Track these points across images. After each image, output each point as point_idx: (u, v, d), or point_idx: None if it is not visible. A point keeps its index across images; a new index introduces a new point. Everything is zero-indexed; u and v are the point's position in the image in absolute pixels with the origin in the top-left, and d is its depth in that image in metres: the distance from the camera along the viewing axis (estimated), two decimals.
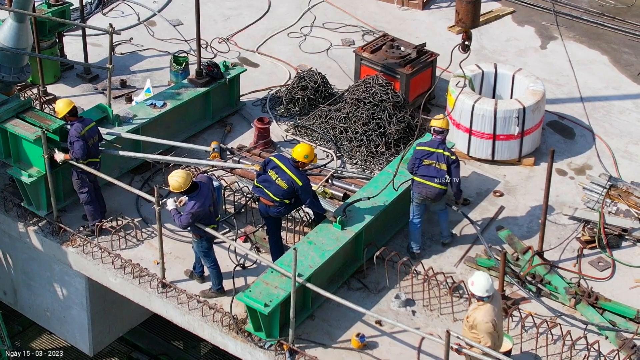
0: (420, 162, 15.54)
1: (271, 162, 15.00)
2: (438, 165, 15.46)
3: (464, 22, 16.17)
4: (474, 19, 16.19)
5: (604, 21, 23.34)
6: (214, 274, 15.03)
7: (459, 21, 16.20)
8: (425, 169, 15.49)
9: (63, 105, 15.90)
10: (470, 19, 16.16)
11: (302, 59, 21.41)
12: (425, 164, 15.50)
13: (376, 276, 15.37)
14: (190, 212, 14.26)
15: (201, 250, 14.79)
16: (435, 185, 15.46)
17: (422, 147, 15.66)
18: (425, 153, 15.56)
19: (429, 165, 15.48)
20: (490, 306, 12.43)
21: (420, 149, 15.65)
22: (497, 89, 18.87)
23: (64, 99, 16.11)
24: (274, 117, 19.31)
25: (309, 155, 14.87)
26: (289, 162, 14.88)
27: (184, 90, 18.56)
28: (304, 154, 14.85)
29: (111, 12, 23.14)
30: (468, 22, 16.17)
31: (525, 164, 18.13)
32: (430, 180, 15.46)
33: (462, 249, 16.07)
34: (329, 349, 14.22)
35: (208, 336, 14.90)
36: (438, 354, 13.92)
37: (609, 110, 19.94)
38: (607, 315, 14.63)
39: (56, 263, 16.64)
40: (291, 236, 15.98)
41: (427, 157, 15.54)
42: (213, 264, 14.95)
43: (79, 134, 15.57)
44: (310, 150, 14.91)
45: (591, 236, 16.19)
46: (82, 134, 15.59)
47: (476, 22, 16.34)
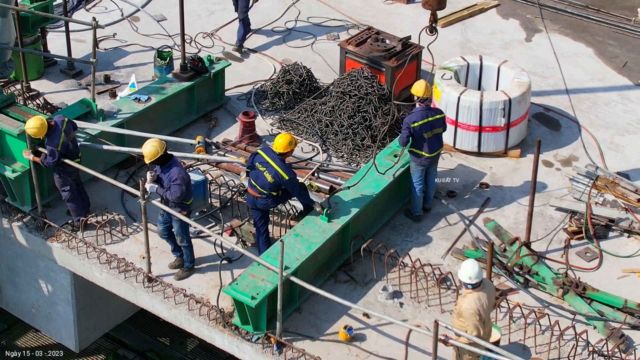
0: (420, 137, 15.83)
1: (258, 156, 14.94)
2: (437, 131, 15.97)
3: (430, 4, 16.21)
4: (441, 1, 16.24)
5: (589, 14, 23.36)
6: (189, 251, 15.06)
7: (425, 3, 16.25)
8: (428, 142, 15.90)
9: (39, 130, 15.30)
10: (437, 1, 16.19)
11: (287, 53, 21.34)
12: (426, 137, 15.87)
13: (363, 268, 15.31)
14: (177, 180, 14.32)
15: (182, 226, 14.78)
16: (439, 151, 16.18)
17: (418, 122, 15.84)
18: (423, 127, 15.82)
19: (429, 137, 15.89)
20: (477, 294, 12.38)
21: (417, 125, 15.81)
22: (483, 81, 18.84)
23: (36, 120, 15.40)
24: (259, 111, 19.23)
25: (292, 141, 14.88)
26: (274, 154, 14.81)
27: (168, 85, 18.46)
28: (286, 142, 14.83)
29: (94, 7, 23.00)
30: (434, 3, 16.20)
31: (512, 155, 18.11)
32: (433, 151, 16.02)
33: (450, 241, 16.04)
34: (317, 341, 14.16)
35: (195, 330, 14.81)
36: (426, 346, 13.87)
37: (594, 102, 19.95)
38: (595, 306, 14.62)
39: (41, 259, 16.52)
40: (277, 229, 15.89)
41: (425, 131, 15.84)
42: (189, 241, 15.00)
43: (56, 145, 15.35)
44: (290, 137, 14.90)
45: (578, 227, 16.18)
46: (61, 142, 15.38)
47: (442, 4, 16.36)
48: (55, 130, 15.42)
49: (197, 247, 15.65)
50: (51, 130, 15.39)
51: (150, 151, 14.39)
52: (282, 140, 14.83)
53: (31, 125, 15.27)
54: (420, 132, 15.81)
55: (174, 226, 14.89)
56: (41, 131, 15.29)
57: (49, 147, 15.32)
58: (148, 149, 14.40)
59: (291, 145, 14.85)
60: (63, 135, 15.40)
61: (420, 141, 15.90)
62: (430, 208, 16.67)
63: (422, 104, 15.92)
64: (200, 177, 16.03)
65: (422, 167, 16.13)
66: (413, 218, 16.49)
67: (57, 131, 15.41)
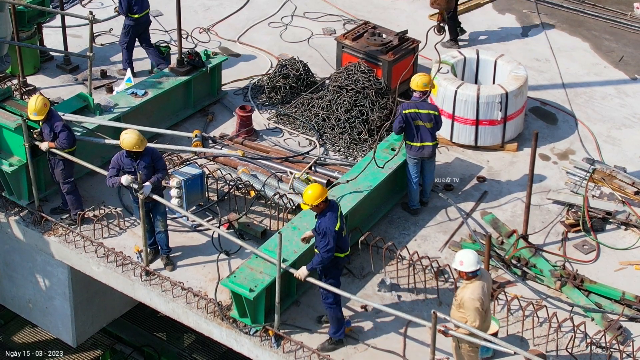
0: (411, 125, 15.86)
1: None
2: (427, 125, 15.92)
3: (439, 3, 16.21)
4: (449, 1, 16.24)
5: (585, 8, 23.37)
6: (166, 237, 15.21)
7: (433, 2, 16.24)
8: (417, 132, 15.91)
9: (41, 106, 15.33)
10: (445, 0, 16.19)
11: (284, 48, 21.32)
12: (415, 124, 15.89)
13: (361, 261, 15.31)
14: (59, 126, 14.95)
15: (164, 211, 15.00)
16: (430, 144, 16.02)
17: (410, 109, 15.90)
18: (415, 115, 15.89)
19: (418, 126, 15.89)
20: (478, 283, 12.37)
21: (408, 112, 15.90)
22: (480, 75, 18.84)
23: (36, 98, 15.40)
24: (256, 106, 19.22)
25: (320, 194, 13.35)
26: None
27: (165, 79, 18.44)
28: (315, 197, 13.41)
29: (90, 3, 22.97)
30: (443, 3, 16.21)
31: (508, 149, 18.11)
32: (425, 140, 15.97)
33: (447, 234, 16.05)
34: (315, 334, 14.15)
35: (193, 323, 14.80)
36: (424, 338, 13.89)
37: (591, 96, 19.96)
38: (592, 298, 14.64)
39: (38, 253, 16.49)
40: (275, 222, 15.89)
41: (414, 119, 15.90)
42: (166, 226, 15.22)
43: (64, 125, 15.42)
44: (320, 190, 13.39)
45: (575, 219, 16.19)
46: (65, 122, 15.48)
47: (451, 4, 16.39)
48: (52, 110, 15.56)
49: (195, 240, 15.66)
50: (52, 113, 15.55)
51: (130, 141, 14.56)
52: (312, 191, 13.37)
53: (33, 104, 15.28)
54: (410, 121, 15.88)
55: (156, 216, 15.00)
56: (44, 110, 15.32)
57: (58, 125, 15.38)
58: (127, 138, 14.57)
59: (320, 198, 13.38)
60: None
61: (410, 131, 15.96)
62: (427, 202, 16.68)
63: (418, 93, 16.00)
64: (197, 171, 16.01)
65: (416, 160, 16.14)
66: (410, 211, 16.49)
67: (53, 111, 15.57)
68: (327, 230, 13.18)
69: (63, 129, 15.42)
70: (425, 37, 16.00)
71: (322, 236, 13.23)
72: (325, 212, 13.31)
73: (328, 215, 13.26)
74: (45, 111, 15.34)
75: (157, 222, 15.01)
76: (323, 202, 13.29)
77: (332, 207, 13.39)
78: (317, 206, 13.28)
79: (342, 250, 13.54)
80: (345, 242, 13.58)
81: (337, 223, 13.23)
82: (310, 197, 13.26)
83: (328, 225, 13.19)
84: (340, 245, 13.44)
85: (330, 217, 13.24)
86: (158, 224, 15.03)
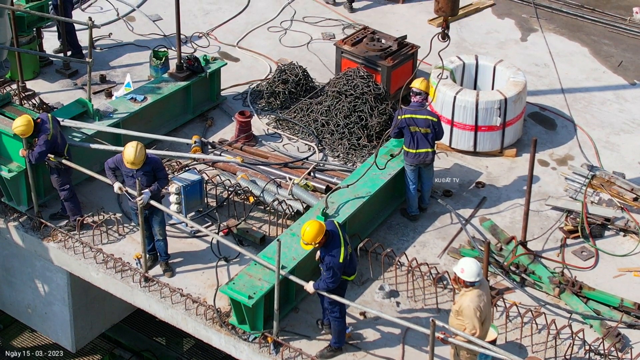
0: (407, 131, 15.88)
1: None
2: (423, 131, 15.91)
3: (444, 10, 16.17)
4: (454, 7, 16.20)
5: (584, 13, 23.40)
6: (165, 245, 15.20)
7: (438, 9, 16.19)
8: (413, 138, 15.90)
9: (26, 127, 15.26)
10: (450, 7, 16.14)
11: (283, 53, 21.33)
12: (412, 130, 15.88)
13: (360, 268, 15.28)
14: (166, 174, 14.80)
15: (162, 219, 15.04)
16: (427, 151, 16.00)
17: (406, 115, 15.92)
18: (410, 121, 15.89)
19: (414, 132, 15.87)
20: (477, 292, 12.37)
21: (404, 117, 15.91)
22: (479, 81, 18.85)
23: (22, 118, 15.35)
24: (255, 111, 19.23)
25: (318, 233, 13.17)
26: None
27: (164, 85, 18.44)
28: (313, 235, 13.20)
29: (90, 7, 22.98)
30: (447, 10, 16.17)
31: (507, 155, 18.12)
32: (420, 147, 15.96)
33: (446, 240, 16.05)
34: (314, 340, 14.15)
35: (192, 330, 14.81)
36: (423, 344, 13.90)
37: (590, 101, 19.97)
38: (591, 304, 14.65)
39: (37, 259, 16.49)
40: (274, 229, 15.90)
41: (411, 124, 15.88)
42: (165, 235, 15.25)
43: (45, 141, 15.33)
44: (317, 228, 13.20)
45: (574, 226, 16.19)
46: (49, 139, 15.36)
47: (455, 11, 16.33)
48: (43, 125, 15.44)
49: (194, 246, 15.67)
50: (40, 127, 15.41)
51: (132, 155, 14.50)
52: (310, 228, 13.16)
53: (18, 124, 15.26)
54: (407, 125, 15.88)
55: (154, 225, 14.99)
56: (28, 129, 15.25)
57: (40, 140, 15.31)
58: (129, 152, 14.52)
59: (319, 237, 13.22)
60: (52, 130, 15.38)
61: (407, 136, 15.97)
62: (426, 208, 16.69)
63: (416, 98, 15.97)
64: (196, 176, 16.01)
65: (413, 167, 16.12)
66: (409, 217, 16.50)
67: (46, 127, 15.44)
68: (332, 265, 13.16)
69: (40, 144, 15.33)
70: (430, 45, 15.95)
71: (327, 269, 13.22)
72: (329, 246, 13.22)
73: (333, 251, 13.15)
74: (29, 131, 15.28)
75: (155, 230, 15.02)
76: (324, 237, 13.24)
77: (334, 239, 13.24)
78: (318, 243, 13.21)
79: (349, 275, 13.56)
80: (352, 266, 13.56)
81: (342, 255, 13.16)
82: (309, 236, 13.08)
83: (333, 260, 13.15)
84: (347, 270, 13.46)
85: (334, 252, 13.16)
86: (156, 233, 15.04)
